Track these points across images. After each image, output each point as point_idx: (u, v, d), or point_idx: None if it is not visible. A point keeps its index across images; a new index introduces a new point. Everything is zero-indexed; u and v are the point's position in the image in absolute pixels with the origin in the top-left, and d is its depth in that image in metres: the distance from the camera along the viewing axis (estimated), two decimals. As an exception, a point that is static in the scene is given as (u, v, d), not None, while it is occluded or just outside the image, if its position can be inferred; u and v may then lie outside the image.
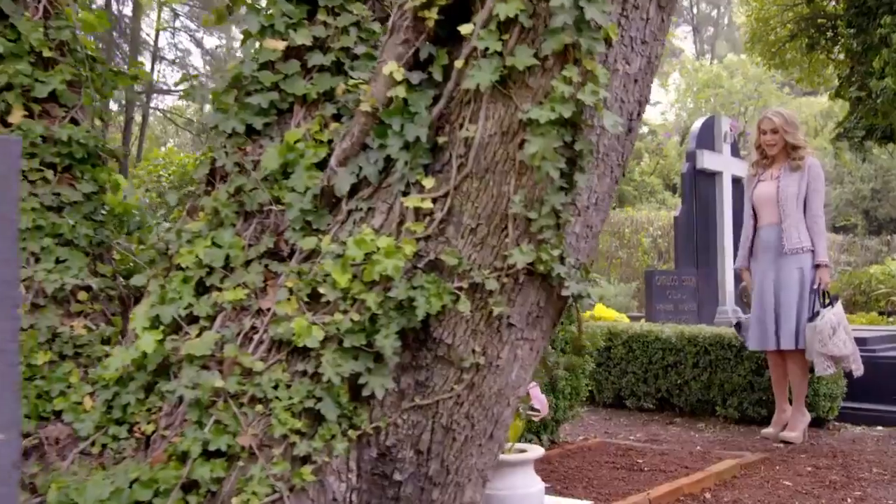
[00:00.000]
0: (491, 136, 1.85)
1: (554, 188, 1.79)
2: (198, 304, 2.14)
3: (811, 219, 5.11)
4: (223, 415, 1.88)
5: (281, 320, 1.94)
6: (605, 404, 6.66)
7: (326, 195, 2.10)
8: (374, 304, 1.86)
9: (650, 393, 6.30)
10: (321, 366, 1.87)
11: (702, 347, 5.98)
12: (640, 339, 6.39)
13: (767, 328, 5.04)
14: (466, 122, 1.88)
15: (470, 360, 1.87)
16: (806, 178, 5.11)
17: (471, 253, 1.88)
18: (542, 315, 1.92)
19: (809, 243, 5.07)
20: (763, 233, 5.19)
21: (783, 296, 5.03)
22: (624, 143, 1.97)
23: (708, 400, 5.95)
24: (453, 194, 1.89)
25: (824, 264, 5.05)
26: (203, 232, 2.24)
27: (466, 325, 1.87)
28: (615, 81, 1.90)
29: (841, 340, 4.82)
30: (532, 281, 1.87)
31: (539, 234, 1.82)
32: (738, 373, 5.76)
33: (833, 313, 4.92)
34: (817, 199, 5.13)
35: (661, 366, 6.22)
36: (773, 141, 5.15)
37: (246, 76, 2.43)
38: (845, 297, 12.88)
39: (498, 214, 1.86)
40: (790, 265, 5.04)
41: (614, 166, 1.95)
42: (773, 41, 14.23)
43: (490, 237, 1.86)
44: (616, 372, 6.54)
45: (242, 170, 2.33)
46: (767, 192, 5.15)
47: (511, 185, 1.83)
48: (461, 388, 1.88)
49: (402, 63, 1.97)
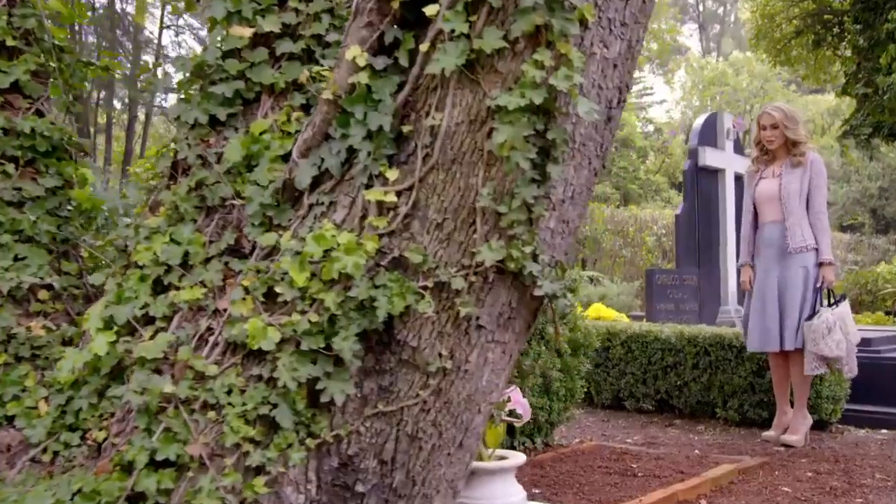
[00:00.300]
0: (458, 124, 1.73)
1: (525, 180, 1.67)
2: (154, 304, 2.02)
3: (814, 216, 4.97)
4: (173, 422, 1.77)
5: (235, 321, 1.82)
6: (604, 405, 6.52)
7: (289, 189, 1.98)
8: (334, 305, 1.74)
9: (649, 394, 6.17)
10: (277, 370, 1.75)
11: (701, 348, 5.84)
12: (639, 339, 6.25)
13: (770, 328, 4.91)
14: (432, 110, 1.76)
15: (436, 364, 1.74)
16: (808, 175, 4.97)
17: (437, 250, 1.76)
18: (515, 316, 1.80)
19: (813, 241, 4.93)
20: (765, 230, 5.05)
21: (787, 295, 4.90)
22: (603, 133, 1.84)
23: (708, 402, 5.82)
24: (418, 187, 1.76)
25: (828, 262, 4.91)
26: (162, 228, 2.13)
27: (432, 327, 1.75)
28: (592, 66, 1.78)
29: (834, 341, 4.69)
30: (503, 280, 1.75)
31: (510, 230, 1.70)
32: (738, 374, 5.62)
33: (833, 313, 4.78)
34: (820, 195, 5.00)
35: (660, 367, 6.09)
36: (773, 137, 5.01)
37: (210, 64, 2.31)
38: (852, 297, 12.71)
39: (465, 208, 1.73)
40: (795, 264, 4.91)
41: (592, 157, 1.83)
42: (779, 38, 14.07)
43: (457, 233, 1.74)
44: (615, 373, 6.40)
45: (205, 163, 2.22)
46: (769, 190, 5.02)
47: (479, 177, 1.71)
48: (427, 393, 1.76)
49: (365, 47, 1.85)
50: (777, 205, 4.99)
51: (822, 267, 4.93)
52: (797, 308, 4.87)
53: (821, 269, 4.93)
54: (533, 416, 4.62)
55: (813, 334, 4.72)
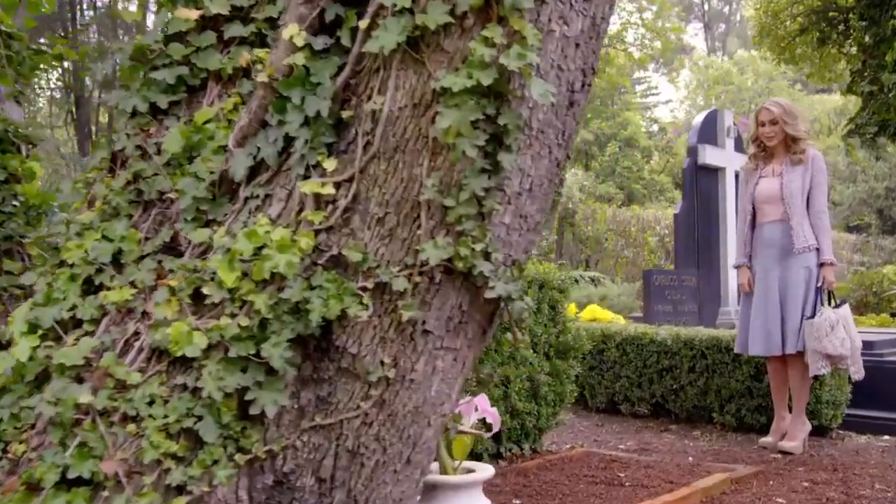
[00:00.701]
0: (401, 108, 1.57)
1: (474, 170, 1.50)
2: (83, 306, 1.87)
3: (815, 215, 4.79)
4: (89, 436, 1.61)
5: (159, 325, 1.66)
6: (599, 409, 6.35)
7: (226, 182, 1.82)
8: (265, 307, 1.58)
9: (644, 398, 5.99)
10: (202, 378, 1.59)
11: (698, 351, 5.66)
12: (634, 341, 6.08)
13: (771, 331, 4.73)
14: (374, 94, 1.59)
15: (378, 373, 1.58)
16: (809, 172, 4.80)
17: (378, 247, 1.59)
18: (467, 321, 1.64)
19: (815, 241, 4.75)
20: (766, 230, 4.87)
21: (789, 296, 4.72)
22: (565, 119, 1.67)
23: (704, 406, 5.64)
24: (359, 178, 1.60)
25: (829, 263, 4.73)
26: (94, 224, 1.97)
27: (374, 332, 1.59)
28: (550, 45, 1.61)
29: (838, 339, 4.51)
30: (451, 281, 1.59)
31: (458, 225, 1.53)
32: (735, 378, 5.44)
33: (835, 311, 4.61)
34: (821, 193, 4.82)
35: (655, 370, 5.91)
36: (771, 133, 4.83)
37: (152, 49, 2.15)
38: (856, 298, 12.49)
39: (409, 202, 1.57)
40: (797, 264, 4.73)
41: (553, 146, 1.66)
42: (783, 35, 13.86)
43: (400, 228, 1.58)
44: (609, 376, 6.23)
45: (144, 154, 2.06)
46: (770, 190, 4.84)
47: (424, 167, 1.54)
48: (368, 405, 1.59)
49: (304, 26, 1.69)
50: (779, 205, 4.81)
51: (823, 267, 4.75)
52: (799, 309, 4.70)
53: (821, 270, 4.75)
54: (520, 422, 4.45)
55: (816, 332, 4.54)
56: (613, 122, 26.01)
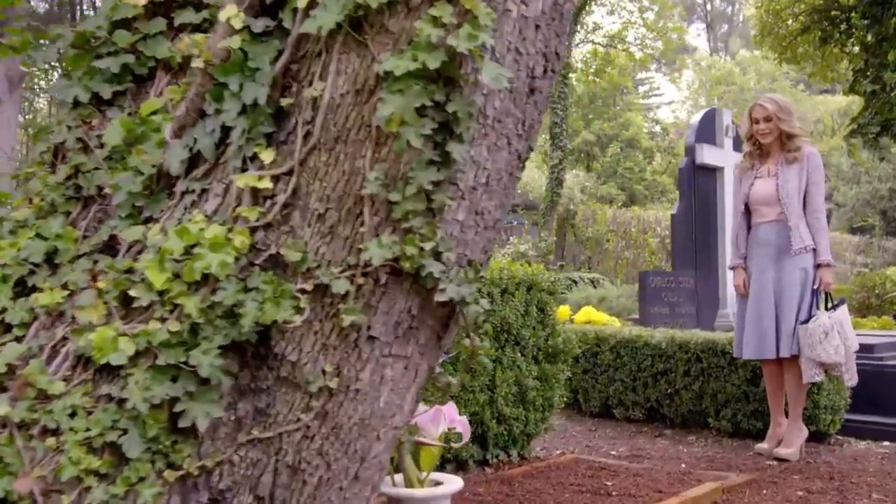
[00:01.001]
0: (343, 95, 1.44)
1: (421, 162, 1.37)
2: (13, 309, 1.74)
3: (812, 215, 4.66)
4: (6, 450, 1.48)
5: (83, 330, 1.54)
6: (592, 413, 6.21)
7: (165, 176, 1.69)
8: (196, 311, 1.46)
9: (639, 402, 5.85)
10: (127, 388, 1.46)
11: (693, 354, 5.52)
12: (629, 344, 5.94)
13: (766, 334, 4.60)
14: (315, 79, 1.46)
15: (319, 383, 1.45)
16: (805, 171, 4.66)
17: (319, 246, 1.46)
18: (418, 326, 1.51)
19: (812, 241, 4.62)
20: (761, 231, 4.74)
21: (784, 298, 4.59)
22: (525, 107, 1.54)
23: (700, 411, 5.50)
24: (299, 171, 1.47)
25: (826, 264, 4.60)
26: (29, 221, 1.85)
27: (315, 339, 1.46)
28: (506, 26, 1.48)
29: (832, 346, 4.37)
30: (399, 283, 1.46)
31: (404, 222, 1.40)
32: (731, 382, 5.30)
33: (830, 317, 4.47)
34: (818, 192, 4.68)
35: (650, 373, 5.77)
36: (766, 130, 4.70)
37: (97, 36, 2.03)
38: (858, 300, 12.33)
39: (351, 196, 1.44)
40: (793, 266, 4.60)
41: (512, 136, 1.53)
42: (784, 34, 13.72)
43: (342, 226, 1.45)
44: (603, 379, 6.10)
45: (85, 147, 1.93)
46: (766, 190, 4.71)
47: (367, 159, 1.41)
48: (310, 417, 1.46)
49: (244, 7, 1.56)
50: (775, 205, 4.68)
51: (820, 269, 4.61)
52: (794, 312, 4.56)
53: (818, 271, 4.61)
54: (507, 428, 4.32)
55: (809, 339, 4.42)
56: (615, 123, 25.88)
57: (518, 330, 4.32)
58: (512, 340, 4.32)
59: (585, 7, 16.26)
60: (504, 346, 4.28)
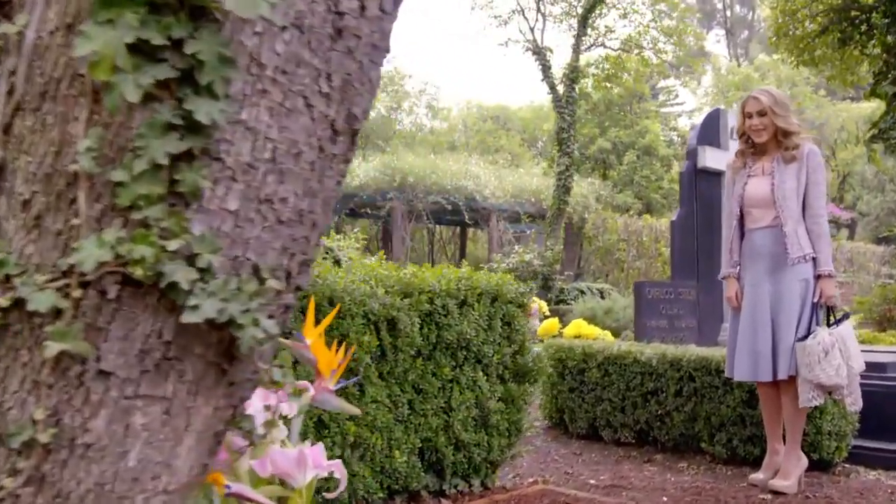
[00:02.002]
0: (52, 33, 1.03)
1: (154, 126, 0.96)
2: None
3: (812, 219, 4.19)
4: None
5: None
6: (579, 435, 5.76)
7: None
8: None
9: (627, 424, 5.39)
10: None
11: (685, 373, 5.05)
12: (617, 361, 5.48)
13: (761, 353, 4.13)
14: (18, 9, 1.06)
15: (27, 434, 1.04)
16: (804, 170, 4.20)
17: (25, 244, 1.05)
18: (179, 356, 1.08)
19: (811, 249, 4.15)
20: (756, 237, 4.28)
21: (781, 313, 4.12)
22: (329, 56, 1.11)
23: (692, 435, 5.02)
24: (3, 141, 1.07)
25: (827, 274, 4.12)
26: None
27: (22, 374, 1.06)
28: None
29: (833, 367, 3.90)
30: (139, 297, 1.03)
31: (136, 212, 0.99)
32: (726, 403, 4.82)
33: (831, 333, 3.99)
34: (818, 193, 4.21)
35: (639, 393, 5.31)
36: (760, 125, 4.24)
37: None
38: (880, 313, 11.74)
39: (63, 175, 1.03)
40: (791, 276, 4.13)
41: (312, 95, 1.10)
42: (801, 36, 13.17)
43: (51, 216, 1.03)
44: (590, 399, 5.64)
45: None
46: (761, 191, 4.25)
47: (81, 122, 1.01)
48: (17, 484, 1.05)
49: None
50: (770, 208, 4.21)
51: (821, 280, 4.14)
52: (792, 328, 4.09)
53: (819, 283, 4.14)
54: (467, 455, 3.88)
55: (807, 358, 3.94)
56: (631, 131, 25.35)
57: (479, 346, 3.89)
58: (472, 358, 3.89)
59: (595, 9, 15.80)
60: (463, 364, 3.85)
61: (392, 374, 3.53)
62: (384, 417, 3.48)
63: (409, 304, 3.58)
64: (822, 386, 3.96)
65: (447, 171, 21.88)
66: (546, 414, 6.13)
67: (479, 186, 21.53)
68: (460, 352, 3.83)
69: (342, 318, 3.33)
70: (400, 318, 3.49)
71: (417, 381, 3.64)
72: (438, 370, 3.72)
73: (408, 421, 3.61)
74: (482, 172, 22.67)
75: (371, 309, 3.41)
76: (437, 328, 3.70)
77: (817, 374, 3.92)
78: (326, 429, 3.29)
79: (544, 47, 15.66)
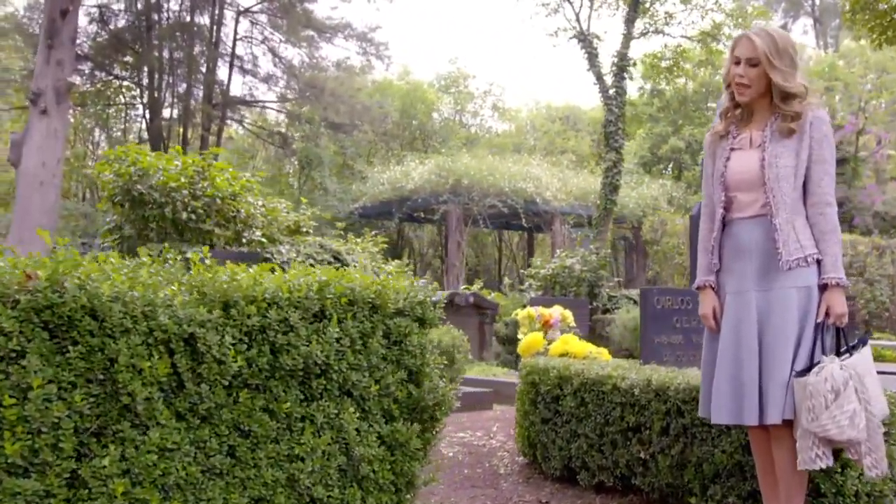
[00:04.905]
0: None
1: None
2: None
3: (815, 208, 3.06)
4: None
5: None
6: (553, 477, 4.69)
7: None
8: None
9: (606, 467, 4.30)
10: None
11: (672, 405, 3.94)
12: (594, 387, 4.40)
13: (745, 388, 3.03)
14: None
15: None
16: (807, 143, 3.06)
17: None
18: None
19: (814, 249, 3.02)
20: (740, 230, 3.17)
21: (773, 335, 3.00)
22: None
23: (681, 486, 3.90)
24: None
25: (835, 283, 2.97)
26: None
27: None
28: None
29: (846, 413, 2.76)
30: None
31: None
32: (721, 448, 3.70)
33: (843, 365, 2.85)
34: (825, 175, 3.07)
35: (618, 428, 4.22)
36: (746, 79, 3.11)
37: None
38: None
39: None
40: (785, 285, 3.02)
41: None
42: (884, 11, 11.58)
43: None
44: (564, 433, 4.57)
45: None
46: (746, 168, 3.14)
47: None
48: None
49: None
50: (759, 190, 3.10)
51: (828, 291, 2.99)
52: (788, 355, 2.97)
53: (825, 295, 2.99)
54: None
55: (810, 401, 2.82)
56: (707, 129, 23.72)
57: (345, 373, 2.92)
58: (334, 388, 2.91)
59: (650, -8, 14.48)
60: (321, 396, 2.89)
61: (195, 411, 2.59)
62: (186, 470, 2.55)
63: (225, 318, 2.64)
64: (832, 441, 2.82)
65: (505, 173, 20.88)
66: (520, 448, 5.09)
67: (539, 189, 20.43)
68: (315, 381, 2.86)
69: (111, 336, 2.42)
70: (203, 335, 2.55)
71: (242, 421, 2.69)
72: (276, 405, 2.76)
73: (228, 474, 2.66)
74: (544, 174, 21.57)
75: (160, 324, 2.49)
76: (273, 350, 2.74)
77: (824, 423, 2.78)
78: (85, 488, 2.38)
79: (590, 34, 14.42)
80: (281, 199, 10.05)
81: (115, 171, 8.24)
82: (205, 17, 25.41)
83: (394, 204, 21.32)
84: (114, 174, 8.26)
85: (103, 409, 2.42)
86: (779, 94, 3.08)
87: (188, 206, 8.33)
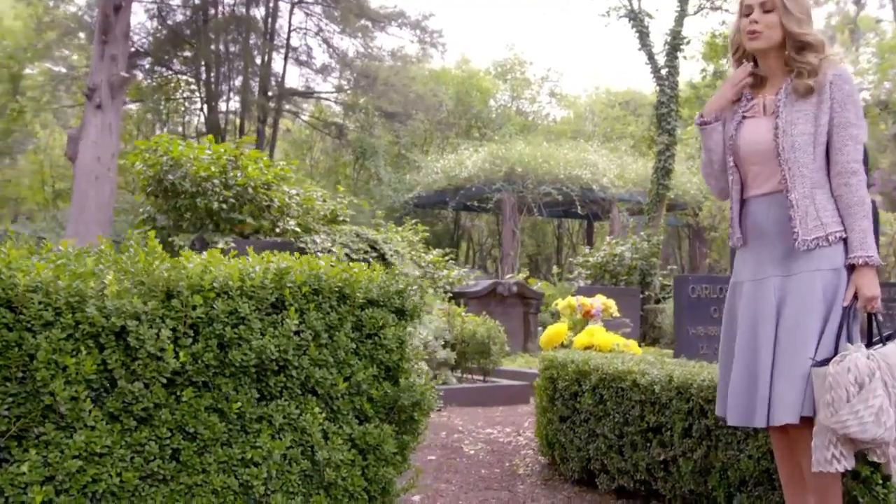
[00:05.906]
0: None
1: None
2: None
3: (840, 178, 2.67)
4: None
5: None
6: (572, 479, 4.36)
7: None
8: None
9: (626, 470, 3.94)
10: None
11: (695, 404, 3.57)
12: (612, 384, 4.05)
13: (758, 385, 2.66)
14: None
15: None
16: (827, 105, 2.65)
17: None
18: None
19: (839, 226, 2.62)
20: (757, 209, 2.80)
21: (785, 326, 2.63)
22: None
23: (704, 493, 3.53)
24: None
25: (862, 262, 2.58)
26: None
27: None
28: None
29: (870, 408, 2.38)
30: None
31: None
32: (747, 453, 3.31)
33: (870, 355, 2.45)
34: (849, 139, 2.66)
35: (638, 429, 3.86)
36: (759, 27, 2.72)
37: None
38: None
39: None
40: (806, 268, 2.63)
41: None
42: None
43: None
44: (583, 433, 4.23)
45: None
46: (759, 138, 2.76)
47: None
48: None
49: None
50: (773, 163, 2.71)
51: (856, 272, 2.59)
52: (804, 349, 2.59)
53: (853, 276, 2.60)
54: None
55: (830, 393, 2.44)
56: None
57: (307, 370, 2.65)
58: (295, 386, 2.65)
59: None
60: (280, 394, 2.63)
61: (130, 412, 2.36)
62: (120, 476, 2.32)
63: (165, 309, 2.40)
64: (855, 440, 2.43)
65: (561, 160, 20.38)
66: (540, 447, 4.77)
67: (596, 175, 19.89)
68: (273, 378, 2.60)
69: (30, 329, 2.20)
70: (135, 329, 2.31)
71: (186, 422, 2.45)
72: (226, 405, 2.51)
73: (173, 480, 2.43)
74: (601, 160, 20.99)
75: (87, 316, 2.26)
76: (221, 344, 2.49)
77: (843, 418, 2.40)
78: (1, 496, 2.17)
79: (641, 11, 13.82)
80: (317, 188, 9.87)
81: (146, 161, 8.17)
82: (260, 9, 25.56)
83: (448, 193, 21.07)
84: (145, 165, 8.19)
85: (24, 410, 2.21)
86: (793, 45, 2.70)
87: (220, 196, 8.21)
